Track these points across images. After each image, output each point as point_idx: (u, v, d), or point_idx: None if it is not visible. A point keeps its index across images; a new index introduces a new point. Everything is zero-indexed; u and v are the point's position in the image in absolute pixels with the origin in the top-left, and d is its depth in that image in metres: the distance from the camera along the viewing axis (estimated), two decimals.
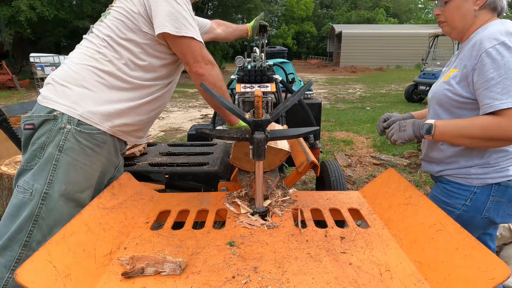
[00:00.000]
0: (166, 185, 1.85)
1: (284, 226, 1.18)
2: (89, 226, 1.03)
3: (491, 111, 1.13)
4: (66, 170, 1.20)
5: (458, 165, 1.32)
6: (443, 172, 1.37)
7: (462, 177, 1.32)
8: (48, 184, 1.17)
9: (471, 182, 1.30)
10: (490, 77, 1.14)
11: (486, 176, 1.28)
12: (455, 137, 1.23)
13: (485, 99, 1.15)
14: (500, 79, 1.12)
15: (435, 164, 1.40)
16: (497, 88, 1.12)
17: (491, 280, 0.76)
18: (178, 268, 0.92)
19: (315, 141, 3.12)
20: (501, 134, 1.13)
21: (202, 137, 2.65)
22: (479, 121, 1.18)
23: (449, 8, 1.29)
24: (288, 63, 5.56)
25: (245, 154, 1.48)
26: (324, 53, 35.73)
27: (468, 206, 1.31)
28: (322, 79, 18.61)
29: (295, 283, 0.87)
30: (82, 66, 1.28)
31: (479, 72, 1.17)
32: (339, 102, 10.92)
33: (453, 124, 1.24)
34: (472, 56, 1.20)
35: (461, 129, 1.21)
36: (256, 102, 1.20)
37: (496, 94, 1.12)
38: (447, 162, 1.35)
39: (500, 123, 1.12)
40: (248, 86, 2.38)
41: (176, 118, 8.52)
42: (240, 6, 23.62)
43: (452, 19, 1.30)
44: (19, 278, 0.76)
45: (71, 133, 1.21)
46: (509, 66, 1.12)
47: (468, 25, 1.29)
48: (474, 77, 1.19)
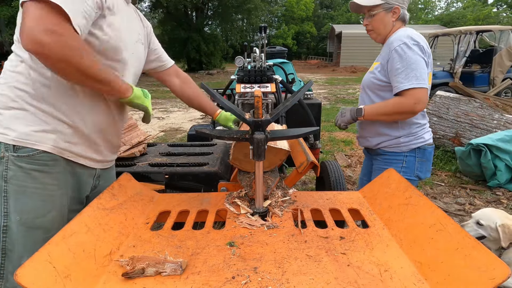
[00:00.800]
0: (166, 186, 1.85)
1: (284, 226, 1.18)
2: (89, 226, 1.03)
3: (398, 91, 1.62)
4: (16, 199, 1.14)
5: (389, 137, 1.78)
6: (380, 144, 1.81)
7: (394, 146, 1.78)
8: (4, 216, 1.14)
9: (402, 149, 1.77)
10: (397, 67, 1.61)
11: (410, 143, 1.76)
12: (377, 115, 1.72)
13: (394, 82, 1.64)
14: (403, 69, 1.59)
15: (371, 138, 1.84)
16: (401, 75, 1.60)
17: (491, 280, 0.76)
18: (179, 268, 0.92)
19: (315, 141, 3.12)
20: (405, 108, 1.63)
21: (202, 137, 2.65)
22: (391, 101, 1.67)
23: (375, 20, 1.74)
24: (288, 63, 5.57)
25: (245, 155, 1.45)
26: (324, 53, 35.71)
27: (404, 167, 1.78)
28: (322, 79, 18.60)
29: (295, 283, 0.87)
30: (6, 86, 1.15)
31: (391, 63, 1.64)
32: (339, 102, 10.91)
33: (376, 106, 1.73)
34: (386, 52, 1.68)
35: (380, 109, 1.70)
36: (256, 103, 1.20)
37: (401, 79, 1.60)
38: (381, 135, 1.79)
39: (402, 100, 1.62)
40: (248, 86, 2.38)
41: (176, 118, 8.52)
42: (240, 6, 23.59)
43: (378, 28, 1.75)
44: (19, 278, 0.76)
45: (10, 161, 1.13)
46: (408, 60, 1.59)
47: (388, 31, 1.75)
48: (388, 67, 1.67)
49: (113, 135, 1.39)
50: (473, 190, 3.81)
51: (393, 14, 1.72)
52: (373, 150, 1.89)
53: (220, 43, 24.88)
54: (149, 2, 24.45)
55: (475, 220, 2.11)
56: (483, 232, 2.06)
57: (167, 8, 22.82)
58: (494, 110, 4.45)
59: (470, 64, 9.40)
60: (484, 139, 3.78)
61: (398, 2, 1.70)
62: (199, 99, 1.71)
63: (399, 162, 1.78)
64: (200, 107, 1.71)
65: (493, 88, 8.03)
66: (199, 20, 23.65)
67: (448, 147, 4.68)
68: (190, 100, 1.69)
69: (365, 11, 1.75)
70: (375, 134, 1.82)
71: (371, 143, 1.85)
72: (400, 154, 1.78)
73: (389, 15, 1.72)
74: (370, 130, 1.83)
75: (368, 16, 1.75)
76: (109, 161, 1.44)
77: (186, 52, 22.82)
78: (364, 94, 1.85)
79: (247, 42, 3.16)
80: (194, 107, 1.72)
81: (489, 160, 3.69)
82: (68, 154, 1.23)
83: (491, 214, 2.06)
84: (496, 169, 3.73)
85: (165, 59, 1.64)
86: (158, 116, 8.69)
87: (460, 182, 4.04)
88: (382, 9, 1.70)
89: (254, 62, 2.61)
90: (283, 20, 38.24)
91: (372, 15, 1.73)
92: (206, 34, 23.95)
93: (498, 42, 8.76)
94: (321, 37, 38.71)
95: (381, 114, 1.71)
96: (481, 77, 8.76)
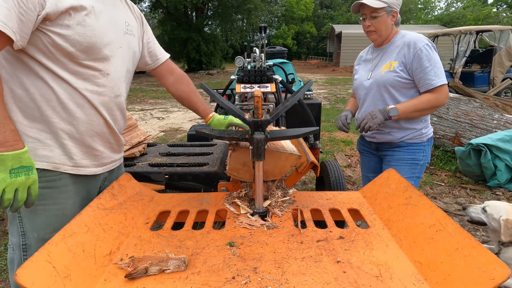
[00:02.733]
0: (166, 186, 1.85)
1: (284, 226, 1.18)
2: (88, 226, 1.03)
3: (431, 88, 1.75)
4: (30, 218, 1.15)
5: (414, 130, 1.90)
6: (404, 137, 1.91)
7: (418, 137, 1.91)
8: (22, 236, 1.16)
9: (422, 139, 1.92)
10: (426, 66, 1.74)
11: (428, 133, 1.94)
12: (412, 112, 1.80)
13: (424, 80, 1.76)
14: (431, 67, 1.73)
15: (395, 133, 1.92)
16: (431, 73, 1.74)
17: (491, 280, 0.76)
18: (183, 264, 0.93)
19: (315, 141, 3.12)
20: (438, 103, 1.78)
21: (202, 138, 2.65)
22: (425, 98, 1.78)
23: (379, 21, 1.82)
24: (288, 63, 5.57)
25: (243, 164, 1.37)
26: (324, 53, 35.71)
27: (425, 156, 1.94)
28: (322, 79, 18.60)
29: (295, 283, 0.87)
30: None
31: (417, 62, 1.75)
32: (339, 102, 10.91)
33: (408, 104, 1.80)
34: (407, 52, 1.78)
35: (414, 106, 1.79)
36: (256, 103, 1.20)
37: (432, 76, 1.74)
38: (406, 129, 1.89)
39: (436, 96, 1.76)
40: (248, 86, 2.38)
41: (176, 118, 8.52)
42: (240, 6, 23.59)
43: (380, 29, 1.85)
44: (19, 278, 0.76)
45: None
46: (434, 59, 1.75)
47: (389, 33, 1.88)
48: (413, 65, 1.77)
49: (111, 136, 1.32)
50: (473, 190, 3.80)
51: (392, 17, 1.84)
52: (389, 144, 1.96)
53: (220, 43, 24.87)
54: (149, 2, 24.46)
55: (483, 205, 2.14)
56: (484, 219, 2.09)
57: (167, 8, 22.83)
58: (494, 110, 4.44)
59: (470, 64, 9.41)
60: (484, 139, 3.78)
61: (396, 7, 1.83)
62: (192, 99, 1.59)
63: (420, 152, 1.92)
64: (192, 107, 1.60)
65: (493, 88, 8.03)
66: (199, 20, 23.64)
67: (448, 147, 4.68)
68: (182, 99, 1.60)
69: (368, 12, 1.82)
70: (400, 128, 1.89)
71: (395, 137, 1.92)
72: (421, 144, 1.92)
73: (389, 18, 1.82)
74: (394, 126, 1.90)
75: (370, 18, 1.83)
76: (114, 161, 1.38)
77: (186, 52, 22.82)
78: (385, 94, 1.87)
79: (247, 42, 3.17)
80: (187, 106, 1.62)
81: (489, 160, 3.69)
82: (66, 168, 1.19)
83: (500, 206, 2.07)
84: (496, 169, 3.73)
85: (159, 54, 1.54)
86: (158, 116, 8.69)
87: (460, 182, 4.04)
88: (385, 11, 1.79)
89: (254, 62, 2.61)
90: (283, 20, 38.23)
91: (375, 17, 1.81)
92: (206, 34, 23.94)
93: (498, 42, 8.76)
94: (321, 37, 38.71)
95: (416, 111, 1.79)
96: (481, 77, 8.76)
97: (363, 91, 1.98)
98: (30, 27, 1.02)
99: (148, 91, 13.69)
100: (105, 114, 1.25)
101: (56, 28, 1.06)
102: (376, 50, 1.98)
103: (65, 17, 1.07)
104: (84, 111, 1.19)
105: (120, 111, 1.34)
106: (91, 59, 1.16)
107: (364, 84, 1.96)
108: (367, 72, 1.97)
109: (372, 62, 1.97)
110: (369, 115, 1.83)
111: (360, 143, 2.25)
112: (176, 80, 1.58)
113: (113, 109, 1.29)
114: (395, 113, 1.78)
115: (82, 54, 1.13)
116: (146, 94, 12.86)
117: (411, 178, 1.95)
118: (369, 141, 2.09)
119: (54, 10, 1.04)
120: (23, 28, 1.00)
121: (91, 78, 1.18)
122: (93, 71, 1.18)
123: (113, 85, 1.25)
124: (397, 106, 1.79)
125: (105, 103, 1.24)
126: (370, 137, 2.05)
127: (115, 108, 1.30)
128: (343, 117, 2.08)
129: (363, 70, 2.03)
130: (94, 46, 1.15)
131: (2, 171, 0.96)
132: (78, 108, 1.17)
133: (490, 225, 2.07)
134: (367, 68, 2.00)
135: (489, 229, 2.10)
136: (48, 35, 1.06)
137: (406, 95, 1.85)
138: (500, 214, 2.01)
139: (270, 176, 1.38)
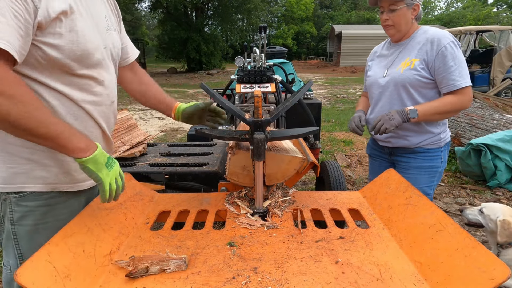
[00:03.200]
0: (166, 186, 1.84)
1: (284, 226, 1.18)
2: (89, 226, 1.03)
3: (455, 89, 1.61)
4: (29, 239, 1.06)
5: (432, 135, 1.75)
6: (421, 142, 1.76)
7: (436, 143, 1.77)
8: (19, 257, 1.07)
9: (440, 144, 1.78)
10: (450, 65, 1.60)
11: (446, 138, 1.80)
12: (432, 115, 1.65)
13: (448, 80, 1.61)
14: (456, 67, 1.59)
15: (411, 138, 1.76)
16: (455, 73, 1.60)
17: (491, 280, 0.76)
18: (183, 264, 0.93)
19: (315, 141, 3.12)
20: (461, 106, 1.64)
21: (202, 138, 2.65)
22: (448, 100, 1.63)
23: (397, 15, 1.67)
24: (288, 63, 5.57)
25: (243, 168, 1.33)
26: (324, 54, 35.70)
27: (442, 162, 1.81)
28: (322, 79, 18.60)
29: (295, 283, 0.87)
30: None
31: (441, 61, 1.61)
32: (339, 102, 10.91)
33: (428, 106, 1.65)
34: (430, 49, 1.64)
35: (436, 108, 1.64)
36: (256, 103, 1.20)
37: (456, 76, 1.60)
38: (424, 133, 1.75)
39: (460, 98, 1.62)
40: (248, 86, 2.38)
41: None
42: (240, 6, 23.60)
43: (399, 24, 1.70)
44: (19, 278, 0.76)
45: (13, 203, 1.03)
46: (459, 58, 1.61)
47: (408, 28, 1.72)
48: (436, 64, 1.62)
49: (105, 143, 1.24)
50: (473, 190, 3.80)
51: (413, 11, 1.68)
52: (404, 149, 1.81)
53: (220, 43, 24.88)
54: (149, 2, 24.47)
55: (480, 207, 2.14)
56: (482, 220, 2.09)
57: (167, 8, 22.84)
58: (494, 110, 4.45)
59: (470, 64, 9.41)
60: (484, 139, 3.78)
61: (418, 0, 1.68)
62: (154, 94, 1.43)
63: (438, 158, 1.78)
64: (157, 103, 1.44)
65: (493, 88, 8.03)
66: (199, 20, 23.64)
67: None
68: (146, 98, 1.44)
69: (386, 5, 1.68)
70: (418, 132, 1.75)
71: (412, 142, 1.77)
72: (438, 150, 1.78)
73: (409, 11, 1.67)
74: (411, 129, 1.74)
75: (388, 11, 1.68)
76: None
77: (186, 52, 22.83)
78: (403, 93, 1.72)
79: (247, 42, 3.17)
80: (151, 105, 1.45)
81: (489, 160, 3.69)
82: (64, 186, 1.10)
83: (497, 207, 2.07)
84: (496, 169, 3.73)
85: (130, 52, 1.38)
86: (158, 116, 8.69)
87: (460, 182, 4.04)
88: (404, 4, 1.65)
89: (254, 62, 2.61)
90: (283, 20, 38.23)
91: (393, 10, 1.66)
92: (206, 34, 23.95)
93: (498, 42, 8.77)
94: (321, 37, 38.70)
95: (437, 113, 1.64)
96: (481, 77, 8.77)
97: (378, 90, 1.82)
98: (29, 43, 0.90)
99: None
100: (103, 125, 1.17)
101: (48, 38, 0.93)
102: (393, 45, 1.82)
103: (56, 24, 0.93)
104: (82, 124, 1.09)
105: (114, 117, 1.28)
106: (85, 66, 1.05)
107: (379, 81, 1.80)
108: (383, 69, 1.81)
109: (388, 58, 1.82)
110: (386, 116, 1.66)
111: (370, 147, 2.07)
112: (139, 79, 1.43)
113: (109, 117, 1.21)
114: (415, 115, 1.62)
115: (76, 63, 1.02)
116: None
117: (430, 187, 1.82)
118: (382, 146, 1.92)
119: (46, 17, 0.90)
120: (24, 46, 0.88)
121: (87, 87, 1.08)
122: (88, 80, 1.08)
123: (109, 92, 1.17)
124: (416, 108, 1.63)
125: (102, 112, 1.16)
126: (384, 141, 1.87)
127: (111, 116, 1.23)
128: (356, 118, 1.89)
129: (378, 67, 1.86)
130: (87, 52, 1.03)
131: (102, 168, 1.00)
132: (76, 120, 1.07)
133: (487, 226, 2.06)
134: (383, 65, 1.83)
135: (486, 231, 2.10)
136: (39, 47, 0.93)
137: (425, 96, 1.70)
138: (497, 215, 2.01)
139: (273, 180, 1.35)
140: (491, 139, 3.73)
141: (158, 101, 1.44)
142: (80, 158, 0.97)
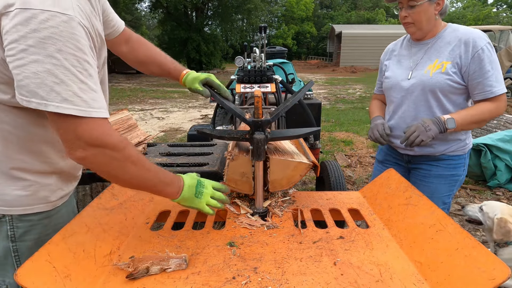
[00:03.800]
0: None
1: (284, 226, 1.18)
2: (89, 226, 1.03)
3: (493, 96, 1.47)
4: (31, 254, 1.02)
5: (459, 141, 1.62)
6: (447, 150, 1.63)
7: (461, 149, 1.64)
8: None
9: (465, 151, 1.66)
10: (487, 69, 1.45)
11: (469, 144, 1.68)
12: (470, 124, 1.50)
13: (485, 86, 1.47)
14: (493, 71, 1.46)
15: (437, 146, 1.62)
16: (492, 78, 1.46)
17: (491, 280, 0.76)
18: (184, 263, 0.93)
19: (315, 142, 3.12)
20: (498, 114, 1.52)
21: (202, 137, 2.65)
22: (486, 108, 1.49)
23: (417, 12, 1.50)
24: (288, 63, 5.58)
25: (241, 175, 1.28)
26: (324, 53, 35.71)
27: (464, 169, 1.68)
28: (322, 80, 18.60)
29: (295, 283, 0.87)
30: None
31: (477, 65, 1.46)
32: (339, 102, 10.92)
33: (465, 115, 1.50)
34: (468, 51, 1.48)
35: (473, 117, 1.49)
36: (256, 103, 1.20)
37: (493, 82, 1.46)
38: (452, 140, 1.61)
39: (498, 105, 1.49)
40: (248, 86, 2.38)
41: (176, 118, 8.52)
42: (240, 6, 23.63)
43: (419, 21, 1.53)
44: (19, 278, 0.76)
45: (15, 219, 0.99)
46: (496, 62, 1.48)
47: (431, 26, 1.55)
48: (471, 68, 1.47)
49: None
50: (473, 190, 3.80)
51: (437, 5, 1.50)
52: (427, 157, 1.67)
53: (220, 43, 24.91)
54: (149, 2, 24.48)
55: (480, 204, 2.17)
56: (480, 217, 2.12)
57: (167, 8, 22.86)
58: None
59: None
60: (484, 139, 3.78)
61: None
62: (156, 62, 1.38)
63: (461, 165, 1.66)
64: (160, 71, 1.39)
65: None
66: (199, 20, 23.66)
67: None
68: (145, 66, 1.39)
69: (405, 1, 1.52)
70: (445, 140, 1.61)
71: (437, 150, 1.63)
72: (462, 157, 1.65)
73: (432, 6, 1.49)
74: (438, 137, 1.56)
75: (407, 7, 1.52)
76: None
77: (186, 52, 22.86)
78: (432, 99, 1.57)
79: (247, 42, 3.17)
80: (154, 73, 1.41)
81: (489, 160, 3.69)
82: (63, 200, 1.10)
83: (497, 206, 2.09)
84: (496, 169, 3.73)
85: (116, 23, 1.26)
86: (158, 116, 8.69)
87: None
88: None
89: (254, 62, 2.61)
90: (283, 20, 38.25)
91: (412, 6, 1.50)
92: (206, 34, 23.97)
93: (498, 42, 8.78)
94: (321, 37, 38.72)
95: (474, 122, 1.51)
96: None
97: (400, 93, 1.65)
98: None
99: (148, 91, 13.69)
100: None
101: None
102: (415, 44, 1.64)
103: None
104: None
105: None
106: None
107: (402, 84, 1.63)
108: (406, 71, 1.64)
109: (411, 59, 1.64)
110: (422, 126, 1.48)
111: (384, 152, 1.87)
112: (131, 49, 1.35)
113: None
114: (453, 125, 1.46)
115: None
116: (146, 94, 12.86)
117: (448, 196, 1.70)
118: (401, 153, 1.75)
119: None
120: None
121: None
122: None
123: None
124: (453, 117, 1.47)
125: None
126: (406, 148, 1.67)
127: None
128: (379, 126, 1.69)
129: (399, 68, 1.69)
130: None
131: (208, 192, 1.11)
132: None
133: (485, 223, 2.10)
134: (406, 66, 1.66)
135: (484, 228, 2.13)
136: None
137: (454, 103, 1.56)
138: (495, 213, 2.03)
139: (278, 186, 1.30)
140: (491, 139, 3.74)
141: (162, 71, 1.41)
142: (173, 199, 1.07)
